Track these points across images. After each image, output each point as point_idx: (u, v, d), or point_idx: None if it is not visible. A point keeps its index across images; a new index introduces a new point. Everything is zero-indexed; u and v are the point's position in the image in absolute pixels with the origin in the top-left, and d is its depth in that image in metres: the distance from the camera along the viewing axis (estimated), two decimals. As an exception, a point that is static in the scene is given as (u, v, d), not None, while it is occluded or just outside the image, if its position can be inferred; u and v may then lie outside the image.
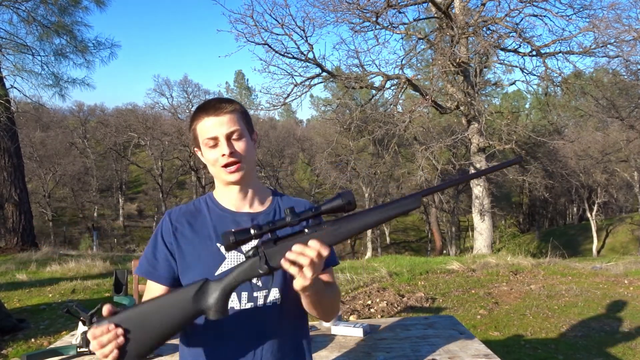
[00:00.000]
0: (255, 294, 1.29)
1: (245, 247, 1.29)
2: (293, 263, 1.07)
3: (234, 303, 1.29)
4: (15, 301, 5.59)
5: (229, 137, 1.29)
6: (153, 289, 1.33)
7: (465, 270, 7.05)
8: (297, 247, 1.07)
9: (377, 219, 1.13)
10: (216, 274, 1.29)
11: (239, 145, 1.30)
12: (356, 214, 1.13)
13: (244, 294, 1.29)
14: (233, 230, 1.09)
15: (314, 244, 1.07)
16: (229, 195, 1.37)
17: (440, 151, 16.46)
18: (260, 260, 1.10)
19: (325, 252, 1.07)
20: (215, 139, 1.29)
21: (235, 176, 1.30)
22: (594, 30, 12.04)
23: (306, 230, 1.12)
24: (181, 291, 1.13)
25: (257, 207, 1.40)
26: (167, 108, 38.33)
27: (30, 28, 9.77)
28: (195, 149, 1.37)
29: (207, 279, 1.15)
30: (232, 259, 1.31)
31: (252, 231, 1.09)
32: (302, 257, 1.06)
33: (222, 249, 1.31)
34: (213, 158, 1.30)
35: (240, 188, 1.36)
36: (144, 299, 1.33)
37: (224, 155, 1.28)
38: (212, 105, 1.31)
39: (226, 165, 1.29)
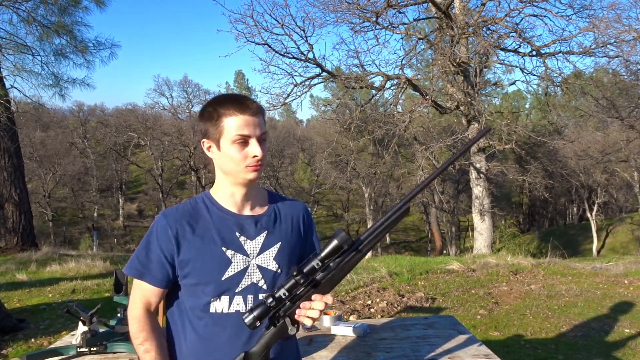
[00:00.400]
0: (260, 296, 1.30)
1: (249, 245, 1.32)
2: (309, 318, 1.22)
3: (239, 307, 1.29)
4: (15, 301, 5.58)
5: (260, 139, 1.29)
6: (145, 289, 1.32)
7: (465, 270, 7.04)
8: (306, 305, 1.22)
9: (370, 247, 1.26)
10: (223, 278, 1.28)
11: (264, 149, 1.31)
12: (350, 254, 1.25)
13: (250, 297, 1.30)
14: (251, 308, 1.20)
15: (319, 299, 1.22)
16: (232, 196, 1.35)
17: (440, 151, 16.46)
18: (287, 323, 1.23)
19: (330, 301, 1.23)
20: (248, 137, 1.28)
21: (255, 175, 1.31)
22: (594, 30, 12.04)
23: (317, 277, 1.23)
24: None
25: (257, 210, 1.39)
26: (167, 108, 38.37)
27: (30, 28, 9.76)
28: (205, 140, 1.33)
29: (245, 352, 1.25)
30: (238, 262, 1.30)
31: (272, 303, 1.20)
32: (313, 311, 1.22)
33: (228, 252, 1.30)
34: (239, 156, 1.28)
35: (246, 190, 1.35)
36: (133, 296, 1.34)
37: (255, 156, 1.28)
38: (245, 103, 1.29)
39: (251, 165, 1.29)
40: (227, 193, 1.36)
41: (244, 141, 1.28)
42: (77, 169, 32.60)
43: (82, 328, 2.10)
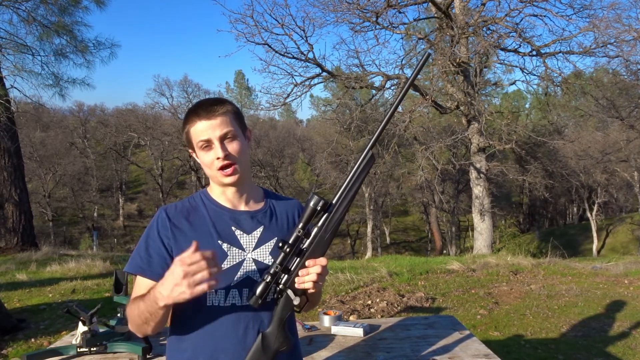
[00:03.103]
0: (245, 290, 1.31)
1: (245, 240, 1.33)
2: (309, 282, 1.24)
3: (235, 300, 1.30)
4: (15, 301, 5.58)
5: (222, 140, 1.29)
6: (147, 286, 1.29)
7: (465, 270, 7.04)
8: (303, 271, 1.24)
9: (346, 203, 1.28)
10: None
11: (233, 147, 1.30)
12: (331, 210, 1.27)
13: (245, 291, 1.30)
14: (253, 289, 1.25)
15: (313, 263, 1.24)
16: (225, 194, 1.38)
17: (440, 151, 16.48)
18: (290, 294, 1.26)
19: (324, 262, 1.24)
20: (209, 141, 1.29)
21: (231, 179, 1.32)
22: (594, 30, 12.04)
23: (304, 246, 1.26)
24: (251, 352, 1.27)
25: (253, 205, 1.41)
26: (167, 108, 38.25)
27: (30, 28, 9.75)
28: (190, 151, 1.37)
29: (262, 333, 1.27)
30: (234, 256, 1.31)
31: (267, 277, 1.24)
32: (311, 275, 1.23)
33: (224, 245, 1.31)
34: (208, 161, 1.31)
35: (236, 189, 1.37)
36: (134, 295, 1.31)
37: (218, 158, 1.29)
38: (205, 108, 1.30)
39: (222, 168, 1.30)
40: (220, 191, 1.39)
41: (208, 146, 1.30)
42: (77, 169, 32.61)
43: (82, 328, 2.10)
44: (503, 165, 15.05)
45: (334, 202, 1.27)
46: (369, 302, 5.30)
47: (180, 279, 1.09)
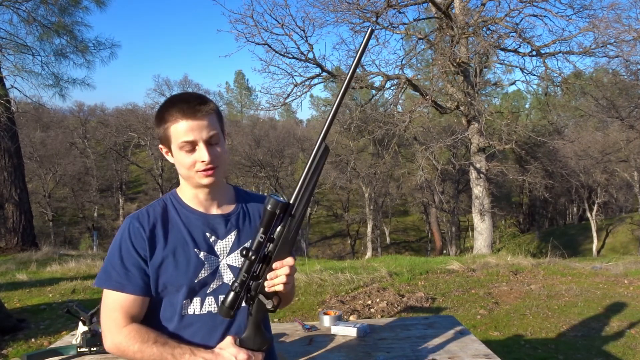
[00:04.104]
0: (221, 297, 1.29)
1: (219, 246, 1.32)
2: (279, 284, 1.22)
3: (212, 307, 1.29)
4: (15, 301, 5.58)
5: (208, 143, 1.25)
6: (128, 303, 1.24)
7: (465, 270, 7.04)
8: (272, 274, 1.22)
9: (307, 197, 1.21)
10: (196, 280, 1.27)
11: (217, 150, 1.27)
12: (291, 210, 1.21)
13: (221, 297, 1.27)
14: (222, 300, 1.23)
15: (279, 264, 1.21)
16: (197, 197, 1.34)
17: (440, 151, 16.47)
18: (262, 299, 1.24)
19: (291, 262, 1.22)
20: (194, 142, 1.24)
21: (209, 180, 1.28)
22: (594, 30, 12.05)
23: (268, 250, 1.22)
24: None
25: (225, 208, 1.38)
26: (167, 108, 38.30)
27: (30, 28, 9.76)
28: (162, 147, 1.31)
29: (240, 339, 1.26)
30: (210, 263, 1.29)
31: (236, 288, 1.21)
32: (280, 277, 1.21)
33: (202, 254, 1.29)
34: (189, 162, 1.25)
35: (209, 190, 1.33)
36: (110, 320, 1.24)
37: (203, 161, 1.24)
38: (190, 106, 1.24)
39: (201, 170, 1.26)
40: (191, 194, 1.34)
41: (191, 148, 1.24)
42: (77, 169, 32.59)
43: (82, 328, 2.10)
44: (503, 165, 15.05)
45: (291, 201, 1.20)
46: (369, 302, 5.30)
47: None
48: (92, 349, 2.06)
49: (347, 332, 2.27)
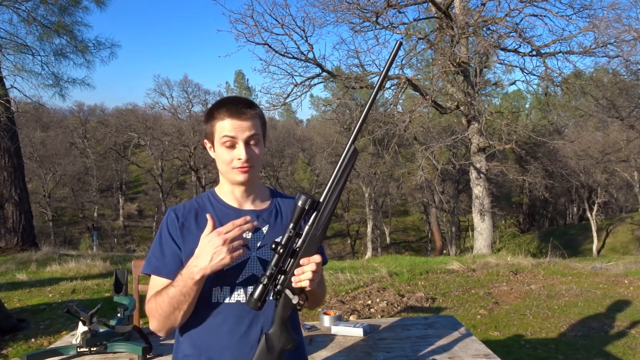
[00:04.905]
0: (250, 288, 1.34)
1: (250, 239, 1.36)
2: (305, 280, 1.25)
3: (240, 297, 1.34)
4: (15, 301, 5.58)
5: (247, 142, 1.34)
6: (161, 285, 1.33)
7: (465, 270, 7.05)
8: (299, 270, 1.26)
9: (333, 200, 1.28)
10: (227, 270, 1.31)
11: (255, 151, 1.36)
12: (320, 208, 1.27)
13: (250, 289, 1.33)
14: (250, 292, 1.27)
15: (307, 261, 1.25)
16: (233, 193, 1.42)
17: (440, 151, 16.47)
18: (288, 294, 1.27)
19: (318, 260, 1.25)
20: (234, 139, 1.33)
21: (244, 177, 1.36)
22: (594, 30, 12.04)
23: (296, 246, 1.27)
24: (257, 354, 1.29)
25: (259, 205, 1.45)
26: (167, 108, 38.38)
27: (30, 28, 9.75)
28: (206, 142, 1.41)
29: (265, 334, 1.29)
30: (242, 256, 1.32)
31: (264, 280, 1.26)
32: (306, 273, 1.25)
33: None
34: (227, 158, 1.35)
35: (245, 188, 1.42)
36: (149, 295, 1.35)
37: (240, 159, 1.33)
38: (237, 108, 1.34)
39: (237, 167, 1.34)
40: (228, 190, 1.43)
41: (232, 144, 1.34)
42: (77, 169, 32.62)
43: (82, 328, 2.10)
44: (503, 165, 15.05)
45: (321, 199, 1.28)
46: (369, 302, 5.30)
47: (220, 246, 1.20)
48: (92, 349, 2.06)
49: (353, 332, 2.27)
